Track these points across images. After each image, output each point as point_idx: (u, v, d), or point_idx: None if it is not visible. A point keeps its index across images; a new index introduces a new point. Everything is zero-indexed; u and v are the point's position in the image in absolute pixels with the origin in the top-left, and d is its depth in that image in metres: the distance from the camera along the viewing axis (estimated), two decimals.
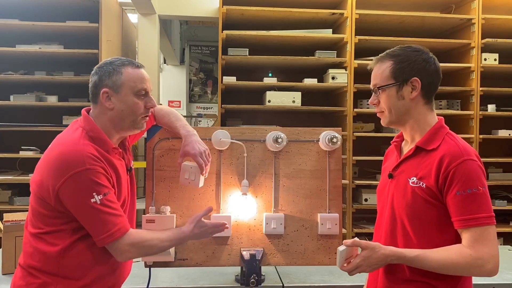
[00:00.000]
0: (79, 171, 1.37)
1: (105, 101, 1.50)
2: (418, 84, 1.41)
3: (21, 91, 3.79)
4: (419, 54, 1.43)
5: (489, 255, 1.30)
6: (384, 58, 1.45)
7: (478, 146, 3.78)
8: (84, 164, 1.38)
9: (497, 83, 3.98)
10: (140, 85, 1.52)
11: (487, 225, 1.30)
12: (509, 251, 2.56)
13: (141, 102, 1.53)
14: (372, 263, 1.36)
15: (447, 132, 1.43)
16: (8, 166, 3.87)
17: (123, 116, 1.51)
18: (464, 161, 1.33)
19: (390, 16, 3.76)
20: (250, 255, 1.86)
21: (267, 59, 3.72)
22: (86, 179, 1.37)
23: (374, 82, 1.47)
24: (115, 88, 1.49)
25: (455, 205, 1.32)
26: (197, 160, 1.70)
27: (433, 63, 1.44)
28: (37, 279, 1.42)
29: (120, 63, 1.51)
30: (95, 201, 1.37)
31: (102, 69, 1.51)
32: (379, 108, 1.48)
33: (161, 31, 5.31)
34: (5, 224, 2.10)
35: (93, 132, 1.49)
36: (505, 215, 4.01)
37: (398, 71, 1.42)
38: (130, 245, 1.44)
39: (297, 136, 1.95)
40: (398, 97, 1.43)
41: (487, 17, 3.76)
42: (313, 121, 4.09)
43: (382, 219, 1.51)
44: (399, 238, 1.43)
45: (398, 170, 1.48)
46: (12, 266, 2.06)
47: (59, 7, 3.84)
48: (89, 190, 1.37)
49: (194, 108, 8.70)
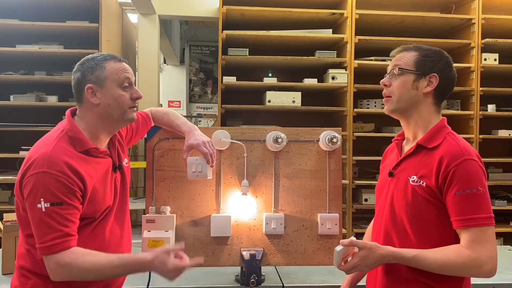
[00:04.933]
0: (36, 172, 1.33)
1: (91, 97, 1.46)
2: (435, 81, 1.43)
3: (21, 91, 3.79)
4: (444, 56, 1.47)
5: (487, 256, 1.30)
6: (411, 48, 1.48)
7: (478, 146, 3.78)
8: (43, 166, 1.33)
9: (497, 83, 3.99)
10: (123, 75, 1.49)
11: (486, 226, 1.30)
12: (509, 251, 2.55)
13: (127, 94, 1.50)
14: (370, 263, 1.36)
15: (449, 131, 1.44)
16: (8, 166, 3.87)
17: (110, 110, 1.48)
18: (465, 160, 1.32)
19: (390, 16, 3.76)
20: (250, 255, 1.86)
21: (267, 59, 3.72)
22: (39, 182, 1.33)
23: (396, 63, 1.47)
24: (99, 83, 1.46)
25: (454, 205, 1.32)
26: (202, 149, 1.69)
27: (453, 70, 1.48)
28: (29, 279, 1.41)
29: (102, 58, 1.49)
30: (40, 207, 1.32)
31: (84, 65, 1.48)
32: (388, 91, 1.48)
33: (161, 31, 5.31)
34: (5, 224, 2.10)
35: (72, 131, 1.45)
36: (505, 215, 4.01)
37: (422, 63, 1.44)
38: (60, 265, 1.33)
39: (297, 136, 1.95)
40: (413, 86, 1.43)
41: (487, 17, 3.76)
42: (313, 121, 4.09)
43: (380, 218, 1.51)
44: (398, 236, 1.42)
45: (398, 168, 1.47)
46: (12, 266, 2.05)
47: (59, 7, 3.84)
48: (38, 193, 1.32)
49: (194, 108, 8.69)
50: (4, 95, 3.74)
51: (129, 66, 1.54)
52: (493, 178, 4.01)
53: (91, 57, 1.51)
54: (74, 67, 1.51)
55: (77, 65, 1.51)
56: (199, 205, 1.88)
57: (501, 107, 4.00)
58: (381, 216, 1.51)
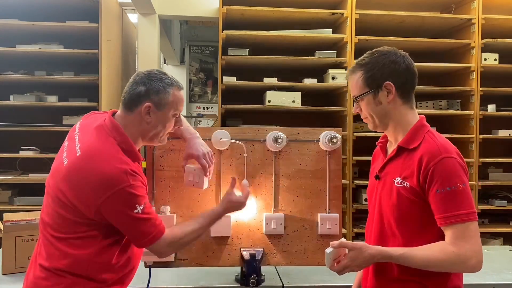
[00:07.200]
0: (121, 188, 1.41)
1: (144, 114, 1.52)
2: (391, 87, 1.44)
3: (21, 91, 3.79)
4: (386, 57, 1.46)
5: (472, 251, 1.31)
6: (355, 69, 1.50)
7: (478, 146, 3.78)
8: (127, 180, 1.42)
9: (497, 83, 3.98)
10: (180, 108, 1.59)
11: (468, 222, 1.32)
12: (509, 251, 2.55)
13: (174, 122, 1.60)
14: (360, 263, 1.39)
15: (427, 130, 1.46)
16: (8, 166, 3.87)
17: (155, 132, 1.57)
18: (442, 159, 1.35)
19: (390, 16, 3.76)
20: (250, 255, 1.86)
21: (267, 59, 3.72)
22: (129, 194, 1.42)
23: (352, 93, 1.53)
24: (159, 107, 1.53)
25: (436, 203, 1.35)
26: (201, 161, 1.73)
27: (402, 62, 1.46)
28: (65, 279, 1.44)
29: (169, 82, 1.56)
30: (138, 211, 1.44)
31: (152, 83, 1.53)
32: (363, 115, 1.53)
33: (161, 31, 5.31)
34: (5, 224, 2.10)
35: (125, 144, 1.51)
36: (505, 215, 4.01)
37: (370, 79, 1.46)
38: (168, 245, 1.53)
39: (297, 136, 1.95)
40: (376, 103, 1.47)
41: (487, 17, 3.76)
42: (313, 121, 4.08)
43: (371, 220, 1.54)
44: (388, 238, 1.45)
45: (384, 171, 1.50)
46: (12, 266, 2.05)
47: (59, 7, 3.84)
48: (132, 203, 1.43)
49: (194, 108, 8.70)
50: (4, 95, 3.74)
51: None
52: (493, 178, 4.01)
53: (159, 76, 1.55)
54: (137, 78, 1.55)
55: (142, 77, 1.54)
56: (199, 205, 1.88)
57: (501, 107, 4.00)
58: (372, 218, 1.54)
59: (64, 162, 1.47)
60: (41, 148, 3.76)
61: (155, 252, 1.53)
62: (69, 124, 3.63)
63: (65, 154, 1.49)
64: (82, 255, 1.44)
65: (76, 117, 3.69)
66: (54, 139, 3.05)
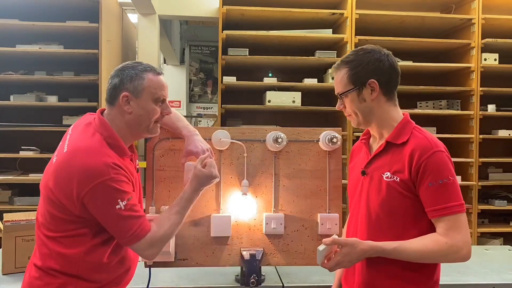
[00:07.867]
0: (103, 181, 1.39)
1: (124, 104, 1.51)
2: (375, 85, 1.46)
3: (21, 91, 3.80)
4: (371, 55, 1.47)
5: (463, 242, 1.35)
6: (340, 66, 1.51)
7: (478, 146, 3.78)
8: (108, 173, 1.40)
9: (497, 83, 3.98)
10: (160, 92, 1.54)
11: (458, 213, 1.37)
12: (509, 251, 2.55)
13: (158, 108, 1.56)
14: (352, 259, 1.40)
15: (414, 126, 1.48)
16: (8, 166, 3.87)
17: (140, 121, 1.54)
18: (434, 153, 1.38)
19: (390, 16, 3.76)
20: (250, 255, 1.86)
21: (267, 59, 3.72)
22: (111, 188, 1.40)
23: (336, 90, 1.54)
24: (136, 93, 1.51)
25: (428, 196, 1.37)
26: None
27: (386, 60, 1.48)
28: (57, 279, 1.44)
29: (143, 68, 1.53)
30: (120, 207, 1.41)
31: (124, 72, 1.52)
32: (346, 112, 1.54)
33: (161, 31, 5.31)
34: (5, 224, 2.10)
35: (111, 139, 1.50)
36: (505, 215, 4.02)
37: (354, 76, 1.47)
38: (150, 246, 1.47)
39: (297, 136, 1.95)
40: (360, 100, 1.48)
41: (487, 17, 3.76)
42: (313, 121, 4.08)
43: (356, 217, 1.54)
44: (376, 233, 1.45)
45: (370, 167, 1.51)
46: (12, 266, 2.05)
47: (59, 7, 3.84)
48: (114, 198, 1.41)
49: (194, 108, 8.71)
50: (4, 95, 3.74)
51: (165, 80, 1.59)
52: (493, 178, 4.01)
53: (131, 65, 1.54)
54: (113, 72, 1.54)
55: (116, 70, 1.54)
56: (199, 205, 1.88)
57: (501, 107, 4.00)
58: (356, 215, 1.54)
59: (53, 160, 1.48)
60: (41, 148, 3.76)
61: (139, 253, 1.49)
62: (69, 124, 3.62)
63: (55, 153, 1.50)
64: (72, 254, 1.44)
65: (76, 117, 3.70)
66: (54, 139, 3.01)
